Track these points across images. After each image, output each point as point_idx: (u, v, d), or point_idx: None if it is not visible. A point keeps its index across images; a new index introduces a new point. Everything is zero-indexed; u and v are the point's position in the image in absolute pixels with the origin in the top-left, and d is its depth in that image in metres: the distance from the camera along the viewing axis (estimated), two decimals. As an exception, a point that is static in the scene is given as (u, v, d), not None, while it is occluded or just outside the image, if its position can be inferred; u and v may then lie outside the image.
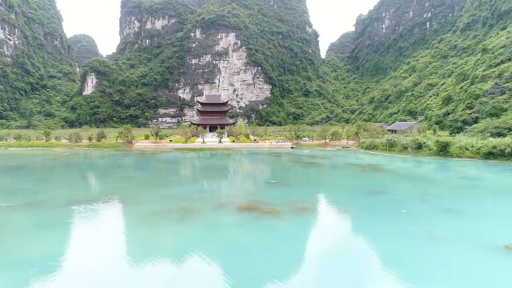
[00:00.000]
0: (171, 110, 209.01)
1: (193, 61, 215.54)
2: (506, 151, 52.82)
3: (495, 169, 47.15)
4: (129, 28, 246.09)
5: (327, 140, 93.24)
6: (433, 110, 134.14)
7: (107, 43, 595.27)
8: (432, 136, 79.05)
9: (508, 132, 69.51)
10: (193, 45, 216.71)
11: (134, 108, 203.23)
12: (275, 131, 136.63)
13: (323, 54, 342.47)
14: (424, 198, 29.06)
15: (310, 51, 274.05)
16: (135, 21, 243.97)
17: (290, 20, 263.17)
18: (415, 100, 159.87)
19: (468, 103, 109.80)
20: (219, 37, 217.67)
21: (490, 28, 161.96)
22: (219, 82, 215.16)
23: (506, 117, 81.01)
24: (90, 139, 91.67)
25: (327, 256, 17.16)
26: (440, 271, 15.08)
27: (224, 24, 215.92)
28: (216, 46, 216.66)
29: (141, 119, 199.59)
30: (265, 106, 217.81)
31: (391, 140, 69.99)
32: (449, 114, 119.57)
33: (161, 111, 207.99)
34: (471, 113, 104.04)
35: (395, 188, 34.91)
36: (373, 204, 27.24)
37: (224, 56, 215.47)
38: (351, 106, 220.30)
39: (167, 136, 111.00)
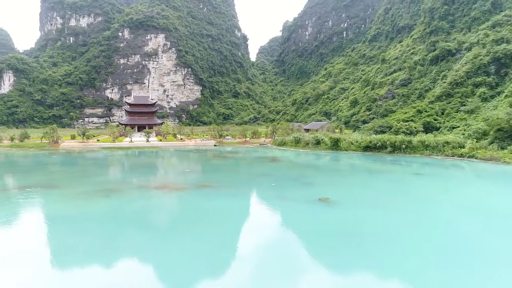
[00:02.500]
0: (99, 110, 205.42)
1: (122, 61, 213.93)
2: (378, 145, 67.40)
3: (365, 158, 60.86)
4: (51, 25, 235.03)
5: (247, 139, 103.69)
6: (343, 112, 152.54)
7: (23, 37, 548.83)
8: (338, 134, 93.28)
9: (389, 130, 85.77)
10: (121, 44, 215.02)
11: (58, 108, 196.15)
12: (204, 131, 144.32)
13: (253, 57, 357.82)
14: (295, 178, 39.85)
15: (240, 54, 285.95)
16: (58, 17, 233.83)
17: (220, 24, 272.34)
18: (330, 102, 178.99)
19: (367, 106, 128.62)
20: (148, 37, 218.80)
21: (391, 41, 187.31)
22: (149, 83, 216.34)
23: (390, 118, 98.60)
24: (12, 139, 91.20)
25: (213, 210, 26.27)
26: (279, 215, 25.06)
27: (153, 25, 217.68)
28: (145, 47, 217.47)
29: (66, 119, 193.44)
30: (195, 106, 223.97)
31: (296, 137, 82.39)
32: (355, 115, 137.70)
33: (88, 111, 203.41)
34: (369, 114, 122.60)
35: (280, 172, 45.62)
36: (255, 182, 37.27)
37: (153, 57, 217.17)
38: (276, 107, 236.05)
39: (94, 136, 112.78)
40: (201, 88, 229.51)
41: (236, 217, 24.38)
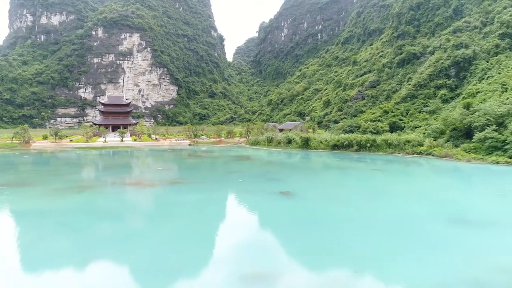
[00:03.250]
0: (72, 110, 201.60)
1: (95, 60, 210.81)
2: (345, 143, 70.96)
3: (333, 156, 64.16)
4: (21, 22, 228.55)
5: (222, 138, 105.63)
6: (317, 112, 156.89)
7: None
8: (308, 134, 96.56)
9: (357, 129, 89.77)
10: (95, 43, 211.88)
11: (29, 107, 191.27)
12: (179, 131, 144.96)
13: (230, 57, 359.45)
14: (262, 174, 42.32)
15: (216, 54, 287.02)
16: (28, 15, 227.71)
17: (196, 24, 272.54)
18: (304, 103, 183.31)
19: (339, 106, 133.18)
20: (123, 37, 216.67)
21: (363, 44, 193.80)
22: (123, 82, 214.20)
23: (358, 118, 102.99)
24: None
25: (183, 203, 28.26)
26: (242, 206, 27.37)
27: (128, 24, 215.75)
28: (119, 46, 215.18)
29: (37, 119, 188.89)
30: (171, 106, 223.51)
31: (269, 137, 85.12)
32: (327, 115, 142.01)
33: (60, 111, 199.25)
34: (340, 114, 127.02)
35: (249, 169, 48.03)
36: (225, 178, 39.49)
37: (128, 56, 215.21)
38: (252, 108, 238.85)
39: (67, 136, 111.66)
40: (177, 88, 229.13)
41: (204, 208, 26.48)
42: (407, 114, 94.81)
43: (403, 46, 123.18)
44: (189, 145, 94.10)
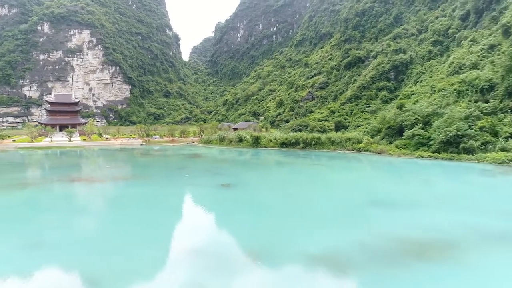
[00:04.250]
0: (15, 109, 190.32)
1: (41, 56, 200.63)
2: (292, 141, 74.78)
3: (281, 153, 67.58)
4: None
5: (176, 138, 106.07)
6: (270, 112, 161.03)
7: None
8: (259, 132, 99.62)
9: (305, 128, 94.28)
10: (41, 39, 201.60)
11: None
12: (132, 131, 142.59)
13: (186, 56, 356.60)
14: (208, 170, 44.44)
15: (171, 53, 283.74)
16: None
17: (150, 22, 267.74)
18: (259, 103, 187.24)
19: (291, 106, 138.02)
20: (72, 33, 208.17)
21: (314, 46, 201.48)
22: (72, 81, 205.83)
23: (307, 118, 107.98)
24: None
25: (128, 197, 29.61)
26: (184, 196, 29.29)
27: (77, 20, 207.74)
28: (68, 43, 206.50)
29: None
30: (124, 106, 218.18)
31: (221, 136, 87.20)
32: (280, 115, 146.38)
33: (1, 110, 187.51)
34: (292, 114, 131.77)
35: (197, 166, 49.91)
36: (172, 174, 41.09)
37: (78, 53, 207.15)
38: (208, 107, 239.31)
39: (9, 136, 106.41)
40: (130, 87, 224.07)
41: (146, 201, 28.07)
42: (351, 114, 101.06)
43: (350, 50, 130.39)
44: (141, 144, 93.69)
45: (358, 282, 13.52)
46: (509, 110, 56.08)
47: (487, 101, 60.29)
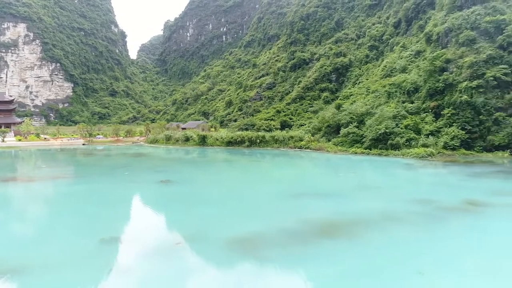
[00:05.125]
0: None
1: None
2: (238, 140, 76.73)
3: (227, 151, 69.25)
4: None
5: (121, 137, 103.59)
6: (220, 112, 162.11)
7: None
8: (206, 132, 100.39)
9: (252, 127, 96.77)
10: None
11: None
12: (74, 131, 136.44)
13: (134, 54, 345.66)
14: (150, 167, 44.87)
15: (117, 51, 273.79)
16: None
17: (94, 18, 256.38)
18: (208, 103, 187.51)
19: (239, 106, 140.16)
20: (6, 26, 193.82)
21: (263, 48, 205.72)
22: (6, 77, 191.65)
23: (254, 117, 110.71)
24: None
25: (64, 195, 29.45)
26: (123, 192, 29.74)
27: (12, 13, 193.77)
28: (1, 37, 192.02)
29: None
30: (66, 105, 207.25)
31: (167, 135, 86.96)
32: (229, 114, 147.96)
33: None
34: (240, 114, 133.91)
35: (139, 164, 50.06)
36: (112, 172, 41.05)
37: (12, 48, 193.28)
38: (157, 107, 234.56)
39: None
40: (72, 85, 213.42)
41: (85, 196, 28.23)
42: (296, 113, 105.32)
43: (295, 52, 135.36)
44: (83, 144, 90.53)
45: (270, 257, 15.43)
46: (429, 110, 62.40)
47: (412, 102, 66.47)
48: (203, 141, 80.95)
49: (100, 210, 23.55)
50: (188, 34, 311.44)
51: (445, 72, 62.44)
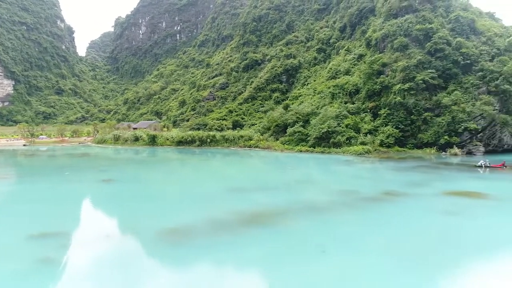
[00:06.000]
0: None
1: None
2: (188, 139, 77.06)
3: (177, 151, 69.40)
4: None
5: (66, 138, 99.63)
6: (173, 111, 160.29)
7: None
8: (162, 132, 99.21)
9: (204, 127, 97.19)
10: None
11: None
12: (15, 131, 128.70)
13: (83, 51, 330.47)
14: (94, 167, 44.36)
15: (64, 47, 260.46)
16: None
17: (37, 11, 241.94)
18: (162, 102, 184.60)
19: (192, 106, 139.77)
20: None
21: (217, 48, 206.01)
22: None
23: (207, 117, 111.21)
24: None
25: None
26: (62, 191, 29.50)
27: None
28: None
29: None
30: (6, 104, 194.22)
31: (116, 135, 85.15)
32: (182, 114, 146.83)
33: None
34: (193, 114, 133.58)
35: (83, 164, 49.20)
36: (51, 173, 40.13)
37: None
38: (107, 106, 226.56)
39: None
40: (13, 83, 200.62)
41: (21, 195, 27.79)
42: (247, 113, 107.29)
43: (248, 53, 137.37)
44: (24, 145, 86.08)
45: (196, 244, 16.71)
46: (368, 110, 66.89)
47: (353, 103, 70.81)
48: (153, 141, 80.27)
49: (32, 208, 23.48)
50: (140, 31, 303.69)
51: (381, 75, 67.24)
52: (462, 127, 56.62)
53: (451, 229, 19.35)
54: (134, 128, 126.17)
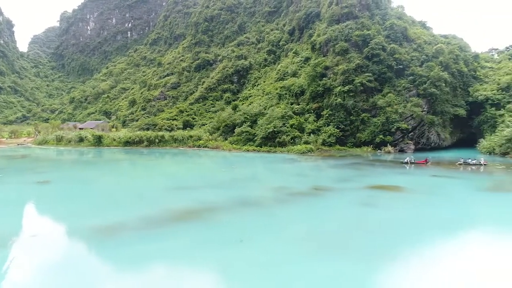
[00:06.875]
0: None
1: None
2: (136, 140, 75.94)
3: (124, 151, 68.22)
4: None
5: (3, 139, 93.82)
6: (123, 111, 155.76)
7: None
8: (109, 132, 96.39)
9: (154, 127, 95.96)
10: None
11: None
12: None
13: (25, 46, 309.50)
14: (29, 169, 42.86)
15: (2, 41, 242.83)
16: None
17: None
18: (111, 101, 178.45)
19: (143, 106, 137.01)
20: None
21: (169, 46, 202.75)
22: None
23: (157, 117, 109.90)
24: None
25: None
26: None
27: None
28: None
29: None
30: None
31: (58, 135, 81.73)
32: (132, 114, 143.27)
33: None
34: (143, 114, 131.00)
35: (19, 166, 47.19)
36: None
37: None
38: (51, 106, 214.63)
39: None
40: None
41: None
42: (198, 113, 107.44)
43: (200, 52, 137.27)
44: (-46, 147, 79.94)
45: (123, 240, 17.44)
46: (312, 111, 70.15)
47: (298, 104, 73.82)
48: (98, 141, 78.10)
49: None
50: (88, 27, 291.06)
51: (324, 78, 70.82)
52: (395, 126, 61.41)
53: (365, 218, 21.62)
54: (81, 128, 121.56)
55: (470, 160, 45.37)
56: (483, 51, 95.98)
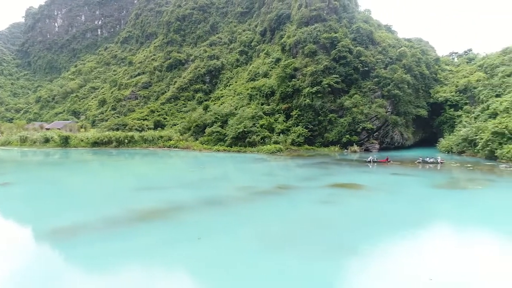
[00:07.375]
0: None
1: None
2: (105, 140, 74.75)
3: (92, 152, 67.00)
4: None
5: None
6: (92, 111, 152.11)
7: None
8: (76, 133, 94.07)
9: (124, 127, 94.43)
10: None
11: None
12: None
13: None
14: (-9, 171, 41.53)
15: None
16: None
17: None
18: (80, 101, 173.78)
19: (113, 105, 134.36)
20: None
21: (141, 45, 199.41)
22: None
23: (127, 117, 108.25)
24: None
25: None
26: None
27: None
28: None
29: None
30: None
31: (22, 136, 79.13)
32: (102, 114, 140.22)
33: None
34: (114, 113, 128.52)
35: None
36: None
37: None
38: (16, 105, 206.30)
39: None
40: None
41: None
42: (170, 113, 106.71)
43: (171, 52, 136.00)
44: None
45: (83, 240, 17.60)
46: (282, 112, 71.43)
47: (268, 104, 74.95)
48: (65, 142, 76.28)
49: None
50: (56, 24, 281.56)
51: (293, 79, 72.28)
52: (361, 127, 63.63)
53: (322, 216, 22.65)
54: (47, 129, 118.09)
55: (428, 158, 47.86)
56: (443, 54, 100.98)
